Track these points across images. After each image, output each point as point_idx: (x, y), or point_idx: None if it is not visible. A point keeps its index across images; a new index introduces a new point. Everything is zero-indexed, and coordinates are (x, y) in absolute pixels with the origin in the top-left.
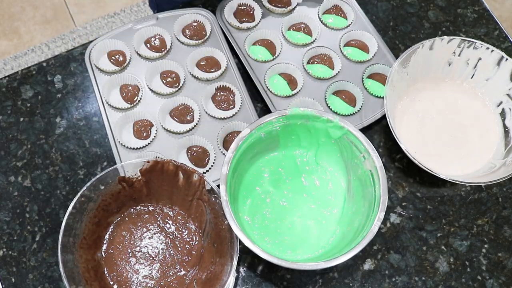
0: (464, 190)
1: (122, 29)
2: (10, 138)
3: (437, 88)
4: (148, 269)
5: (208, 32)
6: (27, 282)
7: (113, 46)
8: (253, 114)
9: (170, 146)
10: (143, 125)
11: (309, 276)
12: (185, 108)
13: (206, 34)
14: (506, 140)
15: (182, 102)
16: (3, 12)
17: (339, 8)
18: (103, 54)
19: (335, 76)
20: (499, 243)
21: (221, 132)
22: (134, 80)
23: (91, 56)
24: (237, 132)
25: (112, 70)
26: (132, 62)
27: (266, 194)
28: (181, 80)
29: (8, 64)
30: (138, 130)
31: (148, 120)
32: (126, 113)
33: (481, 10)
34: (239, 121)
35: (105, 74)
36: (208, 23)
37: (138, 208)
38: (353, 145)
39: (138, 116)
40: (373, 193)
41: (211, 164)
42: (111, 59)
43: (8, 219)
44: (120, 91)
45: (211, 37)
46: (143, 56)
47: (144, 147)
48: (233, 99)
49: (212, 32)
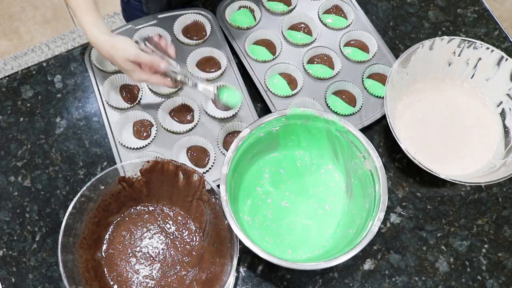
0: (464, 190)
1: (122, 29)
2: (10, 138)
3: (437, 88)
4: (149, 269)
5: (208, 32)
6: (27, 282)
7: None
8: (253, 114)
9: (170, 146)
10: (143, 125)
11: (309, 276)
12: (185, 108)
13: (206, 34)
14: (506, 140)
15: (182, 102)
16: (3, 12)
17: (339, 8)
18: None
19: (335, 76)
20: (499, 243)
21: (221, 132)
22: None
23: (91, 56)
24: (237, 132)
25: (112, 70)
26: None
27: (266, 195)
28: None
29: (8, 64)
30: (138, 130)
31: (148, 120)
32: (126, 113)
33: (481, 10)
34: (239, 121)
35: (105, 75)
36: (208, 23)
37: (138, 208)
38: (353, 145)
39: (138, 116)
40: (373, 193)
41: (211, 164)
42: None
43: (8, 219)
44: (120, 91)
45: (211, 37)
46: None
47: (144, 147)
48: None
49: (212, 32)
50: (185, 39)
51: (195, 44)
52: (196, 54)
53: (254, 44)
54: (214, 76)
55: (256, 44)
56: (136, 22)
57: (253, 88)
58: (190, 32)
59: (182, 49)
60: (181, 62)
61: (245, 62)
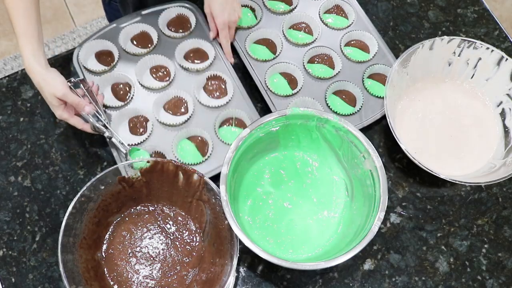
0: (464, 190)
1: (107, 28)
2: (10, 138)
3: (437, 88)
4: (149, 269)
5: (193, 24)
6: (27, 282)
7: (100, 46)
8: (247, 100)
9: (168, 139)
10: (138, 121)
11: (309, 276)
12: (178, 100)
13: (191, 26)
14: (506, 140)
15: (175, 95)
16: (3, 12)
17: (340, 8)
18: (91, 55)
19: (335, 76)
20: (499, 243)
21: (217, 121)
22: (124, 78)
23: (79, 58)
24: (231, 119)
25: (101, 70)
26: (121, 60)
27: (267, 195)
28: (171, 73)
29: (8, 64)
30: (134, 126)
31: (143, 116)
32: (120, 110)
33: (481, 10)
34: (234, 108)
35: (94, 75)
36: (193, 15)
37: (138, 208)
38: (353, 145)
39: (133, 113)
40: (373, 193)
41: (210, 152)
42: (99, 59)
43: (8, 219)
44: (112, 90)
45: (196, 28)
46: (131, 53)
47: (141, 143)
48: (224, 87)
49: (197, 23)
50: (171, 33)
51: (181, 37)
52: (183, 46)
53: (255, 43)
54: (202, 67)
55: (256, 43)
56: (120, 21)
57: (253, 88)
58: (175, 26)
59: (169, 43)
60: (169, 56)
61: (246, 61)
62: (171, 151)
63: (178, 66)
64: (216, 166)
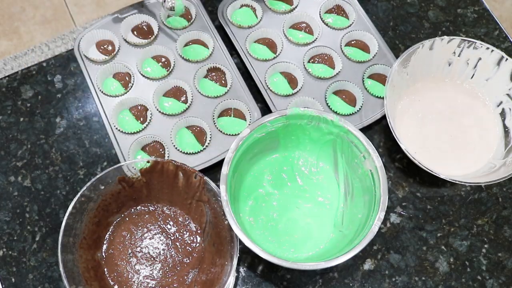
0: (464, 190)
1: (108, 18)
2: (10, 138)
3: (437, 88)
4: (149, 270)
5: (193, 15)
6: (27, 282)
7: (101, 36)
8: (246, 92)
9: (167, 128)
10: (138, 110)
11: (309, 276)
12: (178, 90)
13: (192, 18)
14: (506, 140)
15: (175, 85)
16: (3, 12)
17: (340, 8)
18: (92, 44)
19: (335, 76)
20: (499, 243)
21: (216, 111)
22: (125, 68)
23: (80, 47)
24: (229, 109)
25: (102, 59)
26: (122, 50)
27: (269, 196)
28: (171, 63)
29: (8, 64)
30: (134, 115)
31: (142, 105)
32: (120, 99)
33: (481, 10)
34: (233, 99)
35: (95, 64)
36: (193, 7)
37: (138, 208)
38: (353, 145)
39: (133, 102)
40: (373, 193)
41: (208, 141)
42: (100, 49)
43: (8, 219)
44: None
45: (196, 20)
46: (132, 43)
47: (140, 131)
48: (224, 78)
49: (198, 15)
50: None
51: (181, 28)
52: (184, 38)
53: (255, 42)
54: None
55: (257, 42)
56: (122, 11)
57: (253, 87)
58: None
59: (169, 34)
60: (170, 46)
61: (246, 61)
62: (170, 140)
63: (178, 57)
64: (215, 155)
